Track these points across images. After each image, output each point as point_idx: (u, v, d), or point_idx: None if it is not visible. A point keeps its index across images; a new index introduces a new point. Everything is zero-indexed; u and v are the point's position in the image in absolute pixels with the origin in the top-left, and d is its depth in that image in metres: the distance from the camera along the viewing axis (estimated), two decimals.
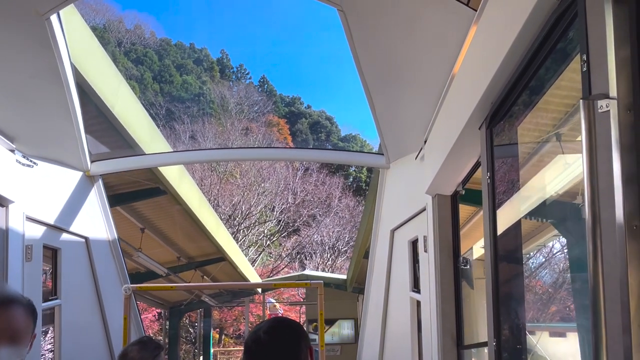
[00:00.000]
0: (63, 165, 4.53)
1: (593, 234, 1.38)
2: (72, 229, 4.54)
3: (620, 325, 1.31)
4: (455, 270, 3.59)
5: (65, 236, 4.46)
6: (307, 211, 28.69)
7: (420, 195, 3.95)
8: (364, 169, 34.95)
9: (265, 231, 28.55)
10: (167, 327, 16.23)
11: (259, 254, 28.07)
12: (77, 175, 4.73)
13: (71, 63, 3.88)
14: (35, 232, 4.00)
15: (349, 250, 25.59)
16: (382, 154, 4.88)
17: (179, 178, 7.85)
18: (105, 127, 5.45)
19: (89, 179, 4.90)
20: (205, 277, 13.48)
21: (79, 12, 4.38)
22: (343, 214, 28.66)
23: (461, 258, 3.56)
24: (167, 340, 16.19)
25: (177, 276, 12.38)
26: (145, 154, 5.59)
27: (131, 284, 4.70)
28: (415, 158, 4.15)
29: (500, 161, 2.59)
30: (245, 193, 26.84)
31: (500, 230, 2.53)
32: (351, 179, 37.10)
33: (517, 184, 2.50)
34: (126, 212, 8.12)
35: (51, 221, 4.22)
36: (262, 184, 27.98)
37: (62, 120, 4.10)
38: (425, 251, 3.96)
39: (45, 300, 4.22)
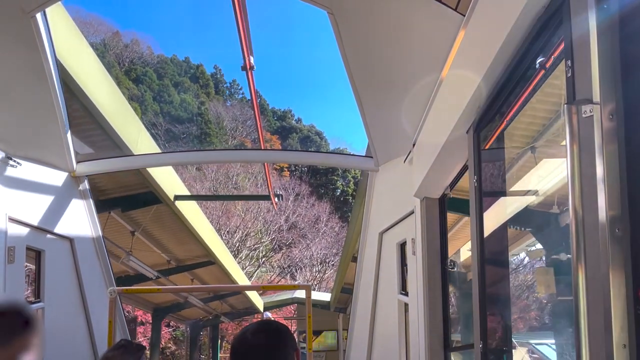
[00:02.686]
0: (48, 165, 4.46)
1: (576, 238, 1.40)
2: (56, 230, 4.47)
3: (603, 325, 1.33)
4: (442, 272, 3.62)
5: (49, 237, 4.39)
6: (298, 231, 32.33)
7: (409, 198, 3.97)
8: (351, 183, 38.05)
9: (261, 248, 31.68)
10: (188, 339, 20.44)
11: (256, 269, 31.26)
12: (62, 175, 4.66)
13: (56, 62, 3.83)
14: (19, 233, 3.92)
15: (335, 265, 28.37)
16: (371, 157, 4.90)
17: (221, 249, 11.74)
18: (92, 128, 5.39)
19: (74, 180, 4.83)
20: (224, 304, 17.91)
21: (66, 11, 4.33)
22: (329, 236, 32.33)
23: (449, 260, 3.59)
24: (188, 350, 20.14)
25: (207, 305, 16.82)
26: (133, 155, 5.53)
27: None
28: (404, 161, 4.17)
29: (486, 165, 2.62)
30: (244, 218, 30.48)
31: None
32: (339, 192, 39.39)
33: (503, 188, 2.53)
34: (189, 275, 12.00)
35: (35, 222, 4.14)
36: (259, 207, 31.06)
37: (47, 120, 4.04)
38: (414, 254, 3.98)
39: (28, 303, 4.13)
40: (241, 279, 14.54)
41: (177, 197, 8.07)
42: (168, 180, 7.71)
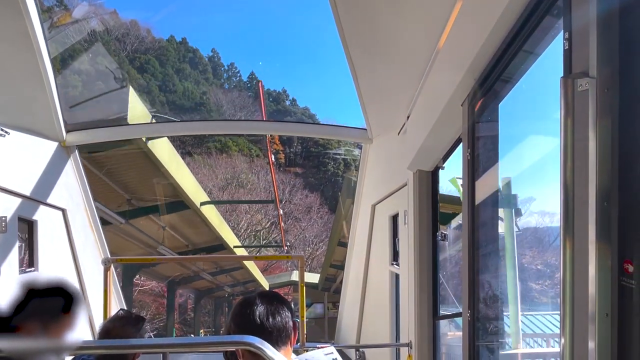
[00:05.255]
0: (37, 135, 4.39)
1: (565, 209, 1.43)
2: (48, 200, 4.45)
3: (587, 295, 1.38)
4: (433, 244, 3.68)
5: (41, 208, 4.37)
6: (294, 216, 37.01)
7: (402, 171, 3.99)
8: (342, 165, 41.47)
9: (262, 232, 36.03)
10: (214, 310, 27.20)
11: (258, 250, 35.01)
12: (52, 145, 4.60)
13: (43, 28, 3.71)
14: (10, 203, 3.90)
15: (324, 244, 32.81)
16: (365, 129, 4.88)
17: (219, 222, 12.39)
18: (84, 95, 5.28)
19: (65, 150, 4.77)
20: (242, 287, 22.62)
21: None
22: (319, 224, 37.08)
23: (439, 232, 3.65)
24: (214, 317, 26.70)
25: (233, 289, 22.86)
26: (124, 125, 5.45)
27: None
28: (398, 133, 4.17)
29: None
30: (249, 210, 34.97)
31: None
32: (329, 174, 42.72)
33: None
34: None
35: (27, 192, 4.11)
36: (259, 197, 35.38)
37: (35, 89, 3.95)
38: (405, 224, 4.04)
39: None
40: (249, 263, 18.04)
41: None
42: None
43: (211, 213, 11.29)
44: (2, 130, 3.82)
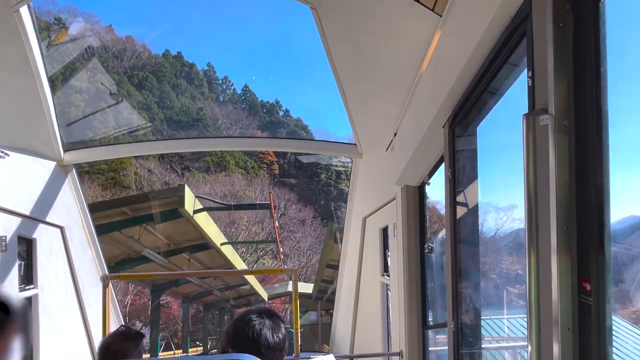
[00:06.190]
0: (36, 155, 4.49)
1: (529, 233, 1.58)
2: (47, 219, 4.54)
3: (551, 311, 1.53)
4: (421, 256, 3.83)
5: (40, 226, 4.46)
6: (289, 228, 38.47)
7: (390, 186, 4.15)
8: (333, 174, 43.42)
9: (258, 242, 37.01)
10: (217, 320, 28.89)
11: (256, 260, 37.00)
12: (50, 165, 4.70)
13: (41, 49, 3.83)
14: (9, 223, 3.99)
15: (317, 253, 33.63)
16: (355, 144, 5.04)
17: (231, 253, 14.77)
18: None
19: (62, 169, 4.87)
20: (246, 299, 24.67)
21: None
22: (312, 237, 38.51)
23: (427, 245, 3.80)
24: (217, 326, 28.34)
25: (237, 301, 25.48)
26: (120, 143, 5.56)
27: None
28: (386, 149, 4.33)
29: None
30: (247, 227, 36.28)
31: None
32: (321, 184, 44.39)
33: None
34: (192, 259, 14.05)
35: (26, 212, 4.21)
36: (258, 216, 36.34)
37: (34, 111, 4.07)
38: (395, 236, 4.18)
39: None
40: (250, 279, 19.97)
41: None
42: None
43: (226, 248, 14.47)
44: (2, 152, 3.93)
